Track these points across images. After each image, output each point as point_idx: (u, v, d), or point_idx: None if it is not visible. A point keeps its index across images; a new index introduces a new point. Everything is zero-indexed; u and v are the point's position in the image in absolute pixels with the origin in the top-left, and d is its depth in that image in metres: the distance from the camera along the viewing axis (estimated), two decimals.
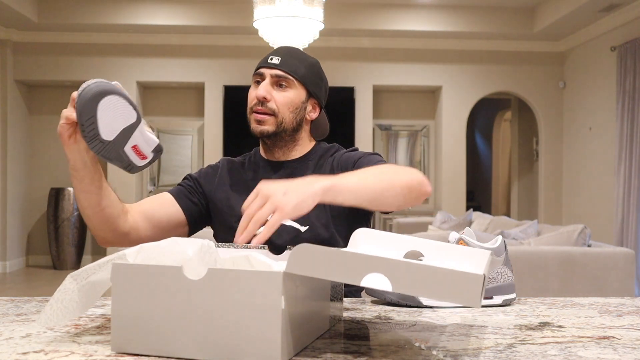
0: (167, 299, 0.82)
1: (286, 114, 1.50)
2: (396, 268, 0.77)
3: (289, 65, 1.51)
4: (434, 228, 5.90)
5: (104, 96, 1.13)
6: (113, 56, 7.14)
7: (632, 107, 5.86)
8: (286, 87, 1.51)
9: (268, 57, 1.53)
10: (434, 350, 0.87)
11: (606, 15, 6.23)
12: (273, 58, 1.51)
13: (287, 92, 1.51)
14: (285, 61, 1.51)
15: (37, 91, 7.54)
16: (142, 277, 0.84)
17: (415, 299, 1.18)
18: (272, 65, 1.51)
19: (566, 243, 3.78)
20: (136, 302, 0.84)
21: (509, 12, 6.99)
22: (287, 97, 1.50)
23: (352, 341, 0.92)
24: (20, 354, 0.83)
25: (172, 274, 0.82)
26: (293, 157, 1.57)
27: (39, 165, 7.53)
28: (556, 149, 7.49)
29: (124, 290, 0.85)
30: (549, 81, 7.51)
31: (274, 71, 1.50)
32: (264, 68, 1.52)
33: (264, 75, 1.51)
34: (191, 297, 0.81)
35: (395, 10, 6.91)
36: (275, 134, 1.51)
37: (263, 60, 1.54)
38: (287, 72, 1.50)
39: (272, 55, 1.53)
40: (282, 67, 1.50)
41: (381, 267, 0.77)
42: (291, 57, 1.53)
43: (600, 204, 6.54)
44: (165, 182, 7.64)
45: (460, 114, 7.46)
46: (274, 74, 1.50)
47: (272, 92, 1.50)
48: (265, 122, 1.49)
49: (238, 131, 7.19)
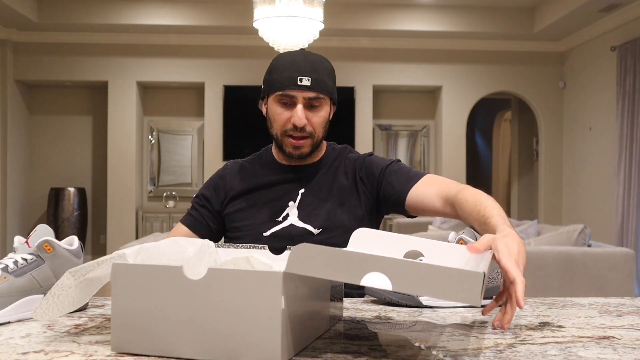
0: (167, 299, 0.82)
1: (320, 132, 1.52)
2: (396, 267, 0.77)
3: (320, 85, 1.47)
4: (434, 228, 5.90)
5: None
6: (113, 56, 7.14)
7: (632, 107, 5.86)
8: (318, 106, 1.49)
9: (295, 76, 1.45)
10: (434, 350, 0.87)
11: (606, 15, 6.23)
12: (302, 79, 1.45)
13: (320, 112, 1.50)
14: (315, 80, 1.46)
15: (37, 91, 7.54)
16: (142, 277, 0.84)
17: (415, 299, 1.18)
18: (303, 88, 1.45)
19: (566, 243, 3.78)
20: (136, 302, 0.84)
21: (509, 12, 6.99)
22: (321, 116, 1.50)
23: (352, 341, 0.92)
24: (20, 354, 0.83)
25: (172, 274, 0.82)
26: (312, 161, 1.58)
27: (39, 165, 7.53)
28: (556, 149, 7.49)
29: (124, 290, 0.85)
30: (549, 81, 7.51)
31: (306, 94, 1.46)
32: (295, 91, 1.46)
33: (295, 98, 1.46)
34: (191, 297, 0.81)
35: (395, 10, 6.91)
36: (311, 152, 1.53)
37: (289, 80, 1.46)
38: (319, 92, 1.47)
39: (299, 74, 1.45)
40: (314, 89, 1.46)
41: (381, 266, 0.77)
42: (317, 72, 1.47)
43: (600, 204, 6.54)
44: (165, 182, 7.63)
45: (460, 114, 7.46)
46: (306, 97, 1.46)
47: (308, 115, 1.48)
48: (304, 145, 1.50)
49: (238, 131, 7.19)
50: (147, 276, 0.83)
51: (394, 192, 1.50)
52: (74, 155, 7.61)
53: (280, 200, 1.53)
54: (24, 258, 1.08)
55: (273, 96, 1.50)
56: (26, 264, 1.07)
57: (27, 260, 1.07)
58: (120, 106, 7.15)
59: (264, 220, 1.52)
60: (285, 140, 1.50)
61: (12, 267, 1.06)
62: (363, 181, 1.56)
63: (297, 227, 1.50)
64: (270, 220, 1.51)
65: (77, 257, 1.13)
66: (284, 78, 1.47)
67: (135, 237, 7.08)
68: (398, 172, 1.53)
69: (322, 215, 1.51)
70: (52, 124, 7.57)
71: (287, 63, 1.49)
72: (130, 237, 7.04)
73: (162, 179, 7.66)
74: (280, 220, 1.51)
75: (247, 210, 1.54)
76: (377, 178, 1.54)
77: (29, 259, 1.08)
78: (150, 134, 7.61)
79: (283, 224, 1.50)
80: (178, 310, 0.82)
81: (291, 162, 1.57)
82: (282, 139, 1.51)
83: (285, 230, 1.50)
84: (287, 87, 1.46)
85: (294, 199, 1.53)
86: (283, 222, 1.51)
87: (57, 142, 7.57)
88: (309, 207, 1.52)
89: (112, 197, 7.16)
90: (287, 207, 1.52)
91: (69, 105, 7.58)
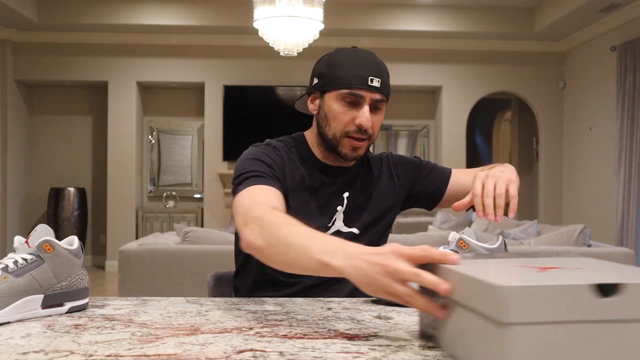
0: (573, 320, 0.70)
1: (377, 134, 1.48)
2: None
3: (387, 88, 1.43)
4: (434, 228, 5.90)
5: None
6: (113, 56, 7.14)
7: (632, 107, 5.86)
8: (381, 109, 1.45)
9: (366, 75, 1.39)
10: (434, 350, 0.87)
11: (606, 15, 6.23)
12: (373, 80, 1.39)
13: (381, 115, 1.46)
14: (384, 83, 1.42)
15: (37, 91, 7.54)
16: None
17: None
18: (373, 89, 1.40)
19: (566, 243, 3.78)
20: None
21: (508, 12, 6.99)
22: (380, 119, 1.46)
23: (352, 341, 0.92)
24: (20, 354, 0.83)
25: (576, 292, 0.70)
26: (351, 164, 1.52)
27: (39, 165, 7.53)
28: (556, 149, 7.49)
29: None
30: (549, 81, 7.51)
31: (375, 96, 1.40)
32: (364, 91, 1.39)
33: (363, 99, 1.40)
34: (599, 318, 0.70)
35: (395, 10, 6.91)
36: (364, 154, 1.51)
37: (359, 79, 1.39)
38: (385, 95, 1.43)
39: (370, 75, 1.40)
40: (382, 91, 1.41)
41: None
42: (384, 75, 1.43)
43: (600, 204, 6.54)
44: (165, 182, 7.64)
45: (460, 114, 7.46)
46: (374, 99, 1.41)
47: (371, 117, 1.42)
48: (362, 147, 1.45)
49: (238, 131, 7.19)
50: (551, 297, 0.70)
51: (433, 186, 1.60)
52: (74, 155, 7.61)
53: (328, 206, 1.48)
54: (24, 258, 1.07)
55: (336, 93, 1.41)
56: (26, 264, 1.07)
57: (27, 260, 1.07)
58: (120, 106, 7.15)
59: (316, 226, 1.37)
60: (345, 141, 1.42)
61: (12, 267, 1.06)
62: (399, 178, 1.59)
63: (342, 232, 1.47)
64: (322, 226, 1.44)
65: (77, 257, 1.13)
66: (352, 76, 1.40)
67: (135, 237, 7.08)
68: (434, 169, 1.63)
69: (365, 217, 1.51)
70: (52, 124, 7.57)
71: (353, 60, 1.42)
72: (130, 237, 7.04)
73: (162, 179, 7.66)
74: (330, 225, 1.47)
75: (297, 211, 1.39)
76: (414, 174, 1.61)
77: (29, 259, 1.08)
78: (150, 134, 7.61)
79: (331, 229, 1.47)
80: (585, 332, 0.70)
81: (335, 162, 1.50)
82: (340, 139, 1.42)
83: (333, 235, 1.42)
84: (357, 86, 1.39)
85: (341, 204, 1.49)
86: (331, 228, 1.47)
87: (57, 142, 7.57)
88: (353, 211, 1.50)
89: (112, 197, 7.16)
90: (336, 212, 1.48)
91: (69, 105, 7.58)
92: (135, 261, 3.72)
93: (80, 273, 1.14)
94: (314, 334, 0.96)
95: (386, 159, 1.61)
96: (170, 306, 1.18)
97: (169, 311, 1.13)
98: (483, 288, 0.73)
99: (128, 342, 0.90)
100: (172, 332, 0.96)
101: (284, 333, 0.96)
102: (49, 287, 1.08)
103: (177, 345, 0.88)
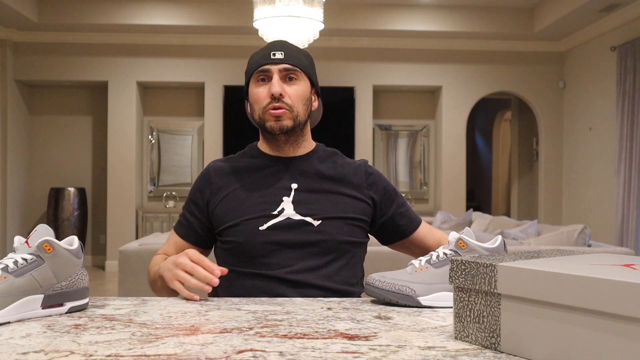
0: None
1: (300, 107, 1.49)
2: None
3: (294, 58, 1.50)
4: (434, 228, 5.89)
5: None
6: (113, 56, 7.14)
7: (632, 107, 5.86)
8: (295, 80, 1.49)
9: (268, 52, 1.50)
10: (434, 350, 0.87)
11: (606, 15, 6.23)
12: (276, 53, 1.48)
13: (297, 86, 1.49)
14: (289, 54, 1.49)
15: (37, 91, 7.54)
16: None
17: (415, 299, 1.18)
18: (277, 61, 1.48)
19: (566, 243, 3.78)
20: None
21: (509, 12, 6.99)
22: (299, 90, 1.49)
23: (352, 341, 0.92)
24: (20, 354, 0.83)
25: None
26: (301, 153, 1.56)
27: (39, 165, 7.53)
28: (556, 149, 7.49)
29: None
30: (549, 81, 7.51)
31: (281, 66, 1.48)
32: (269, 65, 1.48)
33: (270, 71, 1.48)
34: None
35: (395, 10, 6.91)
36: (293, 129, 1.50)
37: (264, 56, 1.50)
38: (294, 64, 1.49)
39: (272, 50, 1.49)
40: (288, 61, 1.48)
41: None
42: (291, 50, 1.51)
43: (600, 204, 6.54)
44: (165, 182, 7.64)
45: (460, 114, 7.46)
46: (282, 69, 1.48)
47: (284, 87, 1.47)
48: (284, 117, 1.47)
49: (238, 131, 7.19)
50: None
51: (402, 222, 1.59)
52: (74, 155, 7.61)
53: (273, 194, 1.49)
54: (24, 258, 1.07)
55: (251, 81, 1.52)
56: (26, 264, 1.07)
57: (27, 260, 1.07)
58: (120, 106, 7.15)
59: (259, 215, 1.47)
60: (267, 116, 1.48)
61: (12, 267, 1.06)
62: (370, 183, 1.56)
63: (293, 219, 1.46)
64: (266, 215, 1.46)
65: (77, 257, 1.13)
66: (258, 58, 1.51)
67: (135, 237, 7.08)
68: (405, 203, 1.62)
69: (320, 206, 1.48)
70: (52, 124, 7.57)
71: (261, 49, 1.53)
72: (130, 237, 7.04)
73: (162, 179, 7.66)
74: (276, 214, 1.46)
75: (239, 207, 1.48)
76: (387, 197, 1.58)
77: (29, 259, 1.08)
78: (150, 134, 7.61)
79: (279, 217, 1.46)
80: None
81: (280, 151, 1.54)
82: (264, 117, 1.49)
83: (283, 222, 1.46)
84: (261, 64, 1.49)
85: (287, 194, 1.49)
86: (279, 216, 1.46)
87: (57, 142, 7.57)
88: (304, 202, 1.49)
89: (112, 197, 7.16)
90: (282, 202, 1.48)
91: (69, 105, 7.58)
92: (135, 261, 3.72)
93: (80, 273, 1.14)
94: (314, 334, 0.96)
95: (359, 166, 1.58)
96: (170, 306, 1.18)
97: (169, 311, 1.13)
98: (623, 289, 0.71)
99: (128, 342, 0.90)
100: (172, 332, 0.96)
101: (284, 333, 0.96)
102: (49, 287, 1.08)
103: (177, 345, 0.88)
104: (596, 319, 0.73)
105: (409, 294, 1.18)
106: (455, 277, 0.90)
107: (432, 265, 1.22)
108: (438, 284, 1.19)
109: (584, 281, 0.74)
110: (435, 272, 1.21)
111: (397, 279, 1.20)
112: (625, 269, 0.79)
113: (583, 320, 0.75)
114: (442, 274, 1.20)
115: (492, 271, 0.85)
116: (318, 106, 1.60)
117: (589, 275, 0.74)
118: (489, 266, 0.85)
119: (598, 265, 0.82)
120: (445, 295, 1.19)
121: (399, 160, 7.88)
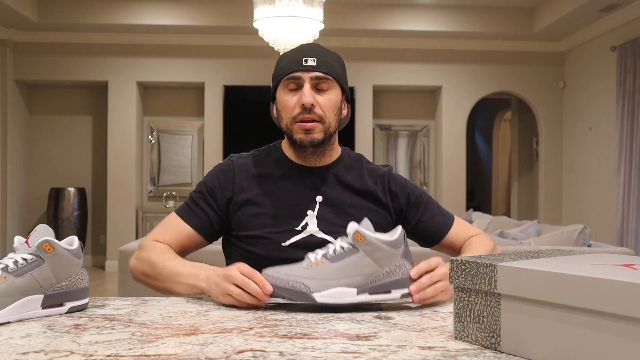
0: None
1: (331, 118, 1.42)
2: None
3: (327, 65, 1.41)
4: None
5: None
6: (113, 56, 7.14)
7: (632, 107, 5.86)
8: (327, 89, 1.42)
9: (300, 58, 1.40)
10: (434, 350, 0.87)
11: (606, 15, 6.23)
12: (308, 60, 1.39)
13: (329, 95, 1.42)
14: (322, 61, 1.41)
15: (37, 91, 7.54)
16: None
17: (309, 296, 1.12)
18: (309, 68, 1.39)
19: (566, 243, 3.78)
20: None
21: (508, 12, 6.99)
22: (330, 100, 1.42)
23: (352, 341, 0.92)
24: (20, 354, 0.83)
25: None
26: (327, 162, 1.49)
27: (39, 165, 7.53)
28: (556, 149, 7.49)
29: None
30: (549, 81, 7.51)
31: (313, 74, 1.39)
32: (300, 72, 1.39)
33: (301, 79, 1.39)
34: None
35: (395, 10, 6.91)
36: (323, 141, 1.43)
37: (296, 62, 1.40)
38: (326, 72, 1.40)
39: (304, 56, 1.40)
40: (321, 68, 1.40)
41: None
42: (323, 55, 1.42)
43: (600, 204, 6.54)
44: (165, 182, 7.63)
45: (460, 114, 7.46)
46: (313, 77, 1.39)
47: (316, 97, 1.40)
48: (314, 130, 1.40)
49: (238, 131, 7.19)
50: None
51: (432, 227, 1.54)
52: (74, 155, 7.61)
53: (297, 207, 1.44)
54: (24, 258, 1.07)
55: (281, 86, 1.43)
56: (26, 264, 1.07)
57: (27, 260, 1.07)
58: (120, 106, 7.15)
59: (282, 229, 1.41)
60: (295, 127, 1.41)
61: (12, 267, 1.06)
62: (393, 195, 1.51)
63: (316, 237, 1.41)
64: (289, 230, 1.41)
65: (77, 257, 1.13)
66: (289, 62, 1.41)
67: (135, 237, 7.08)
68: (433, 208, 1.55)
69: (343, 224, 1.43)
70: (52, 124, 7.57)
71: (291, 52, 1.45)
72: (130, 237, 7.04)
73: (162, 179, 7.66)
74: (300, 230, 1.42)
75: (263, 216, 1.42)
76: (411, 202, 1.53)
77: (29, 259, 1.08)
78: (150, 134, 7.61)
79: (302, 234, 1.41)
80: None
81: (306, 160, 1.47)
82: (292, 127, 1.41)
83: (304, 240, 1.41)
84: (293, 70, 1.40)
85: (312, 208, 1.43)
86: (302, 232, 1.41)
87: (57, 142, 7.57)
88: (328, 217, 1.43)
89: (112, 197, 7.16)
90: (306, 216, 1.43)
91: (69, 105, 7.58)
92: None
93: (80, 273, 1.14)
94: (314, 334, 0.96)
95: (384, 173, 1.54)
96: (170, 306, 1.18)
97: (169, 311, 1.13)
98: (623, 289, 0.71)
99: (128, 342, 0.90)
100: (172, 332, 0.96)
101: (284, 333, 0.96)
102: (49, 287, 1.08)
103: (177, 345, 0.88)
104: (596, 319, 0.73)
105: (303, 291, 1.12)
106: (455, 277, 0.90)
107: (328, 260, 1.14)
108: (334, 280, 1.12)
109: (584, 281, 0.74)
110: (332, 266, 1.13)
111: (290, 275, 1.13)
112: (625, 269, 0.79)
113: (583, 320, 0.75)
114: (339, 268, 1.13)
115: (492, 271, 0.85)
116: (347, 112, 1.53)
117: (588, 275, 0.74)
118: (489, 266, 0.85)
119: (598, 265, 0.82)
120: (341, 292, 1.12)
121: (399, 160, 7.88)
